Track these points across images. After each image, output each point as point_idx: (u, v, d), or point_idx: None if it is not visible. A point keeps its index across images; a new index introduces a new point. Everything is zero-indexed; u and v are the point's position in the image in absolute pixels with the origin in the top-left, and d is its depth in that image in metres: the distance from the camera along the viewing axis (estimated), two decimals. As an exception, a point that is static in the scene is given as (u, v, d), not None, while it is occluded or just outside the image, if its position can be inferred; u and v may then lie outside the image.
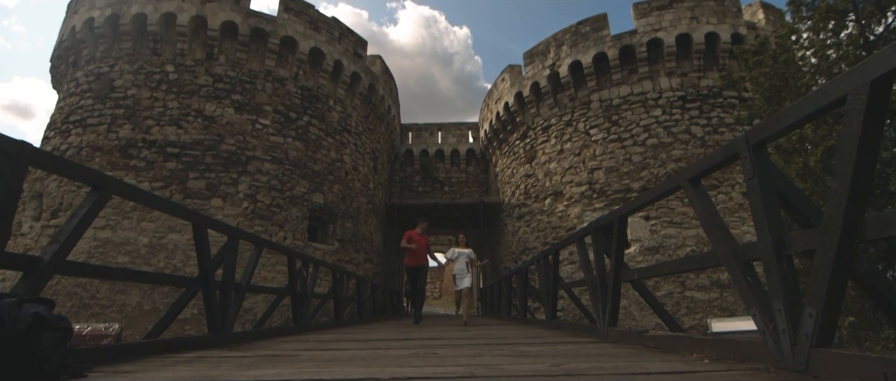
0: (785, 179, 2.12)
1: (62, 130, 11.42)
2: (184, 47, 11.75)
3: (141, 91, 11.32)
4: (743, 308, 10.62)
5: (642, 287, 3.52)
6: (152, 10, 11.70)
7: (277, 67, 12.59)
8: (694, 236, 11.15)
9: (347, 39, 14.24)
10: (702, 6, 12.84)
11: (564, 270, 11.79)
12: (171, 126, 11.05)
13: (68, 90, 12.11)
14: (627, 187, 12.18)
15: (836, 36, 7.72)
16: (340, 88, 13.97)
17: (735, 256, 2.20)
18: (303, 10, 13.12)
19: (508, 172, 16.50)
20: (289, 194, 11.91)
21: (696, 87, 12.51)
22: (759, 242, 2.04)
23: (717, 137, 11.93)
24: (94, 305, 9.40)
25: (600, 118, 13.22)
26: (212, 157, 11.05)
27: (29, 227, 10.46)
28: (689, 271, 2.74)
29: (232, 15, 12.02)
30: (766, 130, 1.99)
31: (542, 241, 13.69)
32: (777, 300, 1.94)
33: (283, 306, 8.98)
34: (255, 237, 4.69)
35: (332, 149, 13.47)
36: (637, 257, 11.29)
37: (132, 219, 10.03)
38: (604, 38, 13.36)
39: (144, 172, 10.55)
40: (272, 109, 12.21)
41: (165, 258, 9.99)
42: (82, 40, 12.08)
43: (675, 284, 10.81)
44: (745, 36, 12.39)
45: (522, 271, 7.56)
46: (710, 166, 2.35)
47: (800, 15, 8.17)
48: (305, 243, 11.93)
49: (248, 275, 4.48)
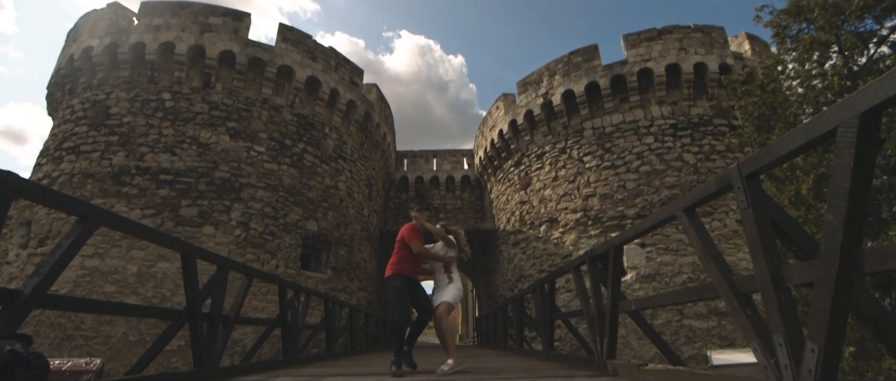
0: (779, 210, 2.12)
1: (55, 157, 11.35)
2: (181, 76, 11.86)
3: (137, 118, 11.33)
4: (742, 337, 10.49)
5: (640, 318, 3.46)
6: (151, 39, 11.86)
7: (274, 95, 12.70)
8: (690, 263, 11.10)
9: (344, 68, 14.45)
10: (689, 37, 13.21)
11: (561, 297, 11.65)
12: (166, 153, 11.02)
13: (63, 117, 12.11)
14: (622, 214, 12.20)
15: (820, 66, 7.92)
16: (336, 116, 14.07)
17: (733, 288, 2.17)
18: (300, 39, 13.35)
19: (503, 199, 16.50)
20: (282, 221, 11.80)
21: (687, 115, 12.73)
22: (757, 273, 2.01)
23: (709, 164, 12.06)
24: (78, 336, 9.11)
25: (594, 146, 13.36)
26: (205, 184, 10.98)
27: (15, 255, 10.24)
28: (687, 302, 2.70)
29: (230, 44, 12.20)
30: (758, 162, 1.99)
31: (537, 268, 13.58)
32: (777, 334, 1.90)
33: (273, 336, 8.74)
34: (245, 267, 4.60)
35: (327, 176, 13.46)
36: (634, 284, 11.20)
37: (121, 247, 9.86)
38: (595, 68, 13.65)
39: (136, 200, 10.44)
40: (267, 136, 12.25)
41: (154, 287, 9.77)
42: (80, 68, 12.17)
43: (673, 312, 10.68)
44: (733, 66, 12.72)
45: (519, 300, 7.44)
46: (704, 196, 2.34)
47: (785, 46, 8.41)
48: (298, 272, 11.74)
49: (238, 306, 4.37)
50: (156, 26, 12.04)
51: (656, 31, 13.44)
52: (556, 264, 12.95)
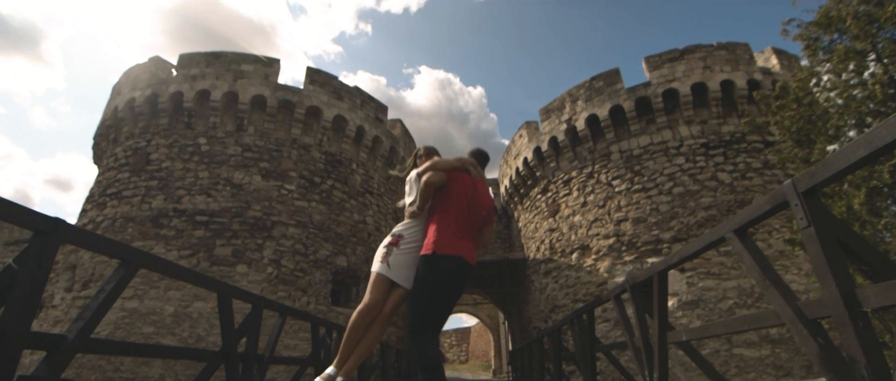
0: (844, 227, 1.96)
1: (99, 203, 11.91)
2: (216, 120, 12.42)
3: (174, 163, 11.86)
4: (800, 367, 9.71)
5: (692, 349, 3.24)
6: (188, 88, 12.55)
7: (303, 134, 13.11)
8: (735, 288, 10.50)
9: (369, 106, 14.85)
10: (713, 56, 13.01)
11: (599, 328, 11.16)
12: (201, 195, 11.42)
13: (107, 165, 12.79)
14: (657, 238, 11.76)
15: (859, 76, 7.61)
16: (363, 152, 14.36)
17: (799, 315, 2.00)
18: (327, 81, 13.86)
19: (531, 228, 16.23)
20: (312, 257, 11.91)
21: (718, 133, 12.37)
22: (826, 298, 1.85)
23: (746, 182, 11.59)
24: (117, 378, 9.26)
25: (622, 169, 13.08)
26: (238, 223, 11.26)
27: (60, 299, 10.64)
28: (746, 330, 2.49)
29: (261, 89, 12.76)
30: (816, 177, 1.86)
31: (571, 298, 13.12)
32: (858, 364, 1.72)
33: (305, 375, 8.65)
34: (279, 305, 4.60)
35: (355, 211, 13.61)
36: (676, 312, 10.65)
37: (159, 288, 10.10)
38: (618, 92, 13.55)
39: (173, 241, 10.77)
40: (297, 174, 12.56)
41: (190, 327, 9.91)
42: (123, 118, 12.93)
43: (722, 341, 10.04)
44: (761, 81, 12.38)
45: (555, 332, 7.15)
46: (756, 216, 2.20)
47: (817, 58, 8.15)
48: (329, 308, 11.73)
49: (272, 345, 4.34)
50: (192, 76, 12.75)
51: (678, 52, 13.31)
52: (590, 293, 12.49)
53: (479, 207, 2.53)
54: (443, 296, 2.18)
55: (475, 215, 2.50)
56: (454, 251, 2.24)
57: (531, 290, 15.87)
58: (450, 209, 2.39)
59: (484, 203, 2.59)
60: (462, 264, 2.26)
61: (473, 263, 2.37)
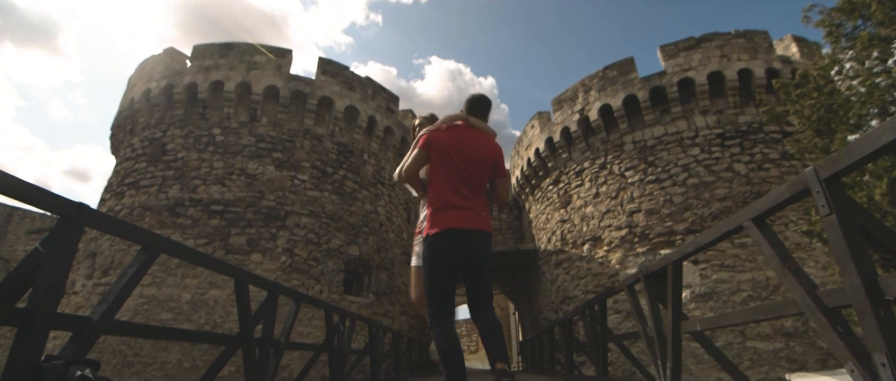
0: (867, 215, 1.92)
1: (117, 192, 12.16)
2: (230, 111, 12.55)
3: (190, 153, 12.02)
4: (815, 361, 9.59)
5: (706, 340, 3.21)
6: (203, 79, 12.67)
7: (315, 125, 13.18)
8: (749, 280, 10.37)
9: (380, 96, 14.85)
10: (731, 44, 12.72)
11: (610, 319, 11.13)
12: (216, 185, 11.58)
13: (125, 155, 13.02)
14: (671, 230, 11.63)
15: (883, 63, 7.39)
16: (374, 143, 14.40)
17: (819, 304, 1.97)
18: (339, 71, 13.88)
19: (543, 219, 16.17)
20: (325, 246, 12.04)
21: (735, 123, 12.14)
22: (847, 286, 1.82)
23: (762, 173, 11.38)
24: (136, 362, 9.52)
25: (635, 160, 12.93)
26: (253, 213, 11.42)
27: (81, 285, 10.93)
28: (762, 320, 2.44)
29: (274, 80, 12.84)
30: (839, 163, 1.82)
31: (583, 289, 13.09)
32: (878, 353, 1.70)
33: (318, 362, 8.79)
34: (293, 292, 4.67)
35: (367, 201, 13.69)
36: (689, 304, 10.56)
37: (176, 276, 10.32)
38: (632, 81, 13.34)
39: (190, 230, 10.96)
40: (310, 164, 12.66)
41: (206, 314, 10.12)
42: (139, 110, 13.12)
43: (735, 333, 9.95)
44: (781, 70, 12.09)
45: (566, 323, 7.16)
46: (776, 203, 2.17)
47: (839, 45, 7.93)
48: (341, 297, 11.87)
49: (287, 331, 4.42)
50: (206, 67, 12.87)
51: (694, 40, 13.04)
52: (602, 284, 12.44)
53: (474, 160, 2.29)
54: (442, 273, 2.12)
55: (471, 171, 2.27)
56: (444, 226, 2.14)
57: (542, 281, 15.87)
58: (438, 180, 2.26)
59: (481, 155, 2.32)
60: (454, 235, 2.13)
61: (478, 226, 2.18)
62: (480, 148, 2.33)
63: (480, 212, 2.23)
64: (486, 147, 2.35)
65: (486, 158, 2.32)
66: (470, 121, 2.42)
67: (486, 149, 2.35)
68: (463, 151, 2.28)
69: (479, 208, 2.24)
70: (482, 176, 2.31)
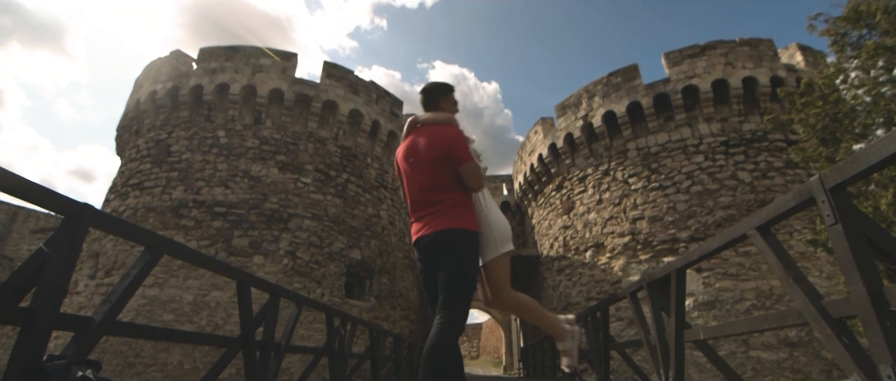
0: (873, 225, 1.90)
1: (122, 193, 12.22)
2: (235, 114, 12.61)
3: (194, 155, 12.08)
4: (819, 371, 9.49)
5: (709, 349, 3.19)
6: (208, 81, 12.76)
7: (319, 128, 13.23)
8: (753, 289, 10.30)
9: (384, 100, 14.90)
10: (735, 52, 12.71)
11: (611, 327, 11.06)
12: (220, 186, 11.62)
13: (130, 156, 13.10)
14: (674, 237, 11.59)
15: (888, 73, 7.37)
16: (378, 146, 14.43)
17: (823, 313, 1.95)
18: (343, 75, 13.95)
19: (545, 224, 16.14)
20: (327, 249, 12.04)
21: (739, 131, 12.11)
22: (853, 296, 1.80)
23: (767, 181, 11.33)
24: (137, 363, 9.52)
25: (639, 166, 12.91)
26: (256, 215, 11.44)
27: (84, 285, 10.96)
28: (766, 330, 2.42)
29: (279, 83, 12.91)
30: (845, 172, 1.81)
31: (585, 296, 13.04)
32: (884, 365, 1.68)
33: (318, 365, 8.77)
34: (295, 295, 4.67)
35: (370, 205, 13.70)
36: (692, 313, 10.49)
37: (178, 277, 10.33)
38: (636, 88, 13.34)
39: (193, 231, 10.99)
40: (313, 167, 12.70)
41: (207, 316, 10.12)
42: (145, 111, 13.21)
43: (738, 343, 9.88)
44: (785, 78, 12.07)
45: (568, 329, 7.12)
46: (781, 212, 2.15)
47: (845, 54, 7.91)
48: (343, 300, 11.85)
49: (288, 334, 4.42)
50: (212, 69, 12.96)
51: (699, 48, 13.04)
52: (604, 291, 12.39)
53: (425, 162, 2.16)
54: (425, 278, 2.16)
55: (426, 174, 2.16)
56: (415, 237, 2.17)
57: (544, 287, 15.81)
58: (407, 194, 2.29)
59: (431, 155, 2.15)
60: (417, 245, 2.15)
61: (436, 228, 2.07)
62: (430, 146, 2.17)
63: (441, 214, 2.10)
64: (436, 142, 2.17)
65: (436, 155, 2.15)
66: (419, 120, 2.32)
67: (436, 145, 2.16)
68: (410, 158, 2.23)
69: (441, 211, 2.11)
70: (440, 174, 2.15)
